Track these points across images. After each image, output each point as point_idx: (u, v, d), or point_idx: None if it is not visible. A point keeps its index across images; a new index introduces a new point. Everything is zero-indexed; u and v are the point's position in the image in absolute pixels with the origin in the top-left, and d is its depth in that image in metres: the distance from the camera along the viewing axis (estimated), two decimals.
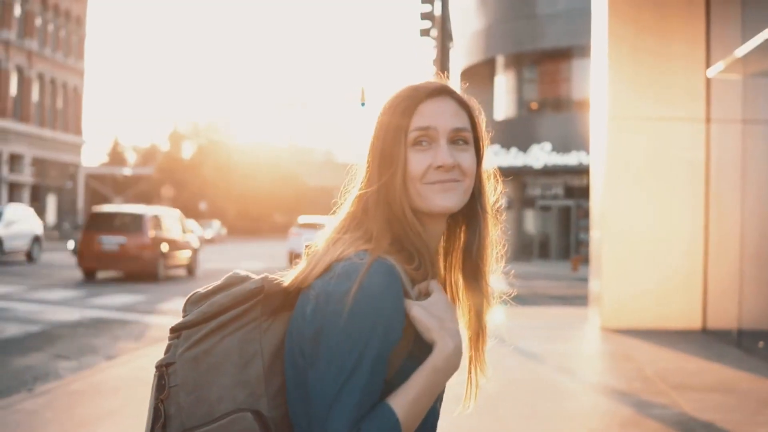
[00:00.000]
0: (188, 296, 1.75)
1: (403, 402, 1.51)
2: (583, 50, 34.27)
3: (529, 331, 12.45)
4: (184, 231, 25.18)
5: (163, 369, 1.63)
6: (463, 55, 38.43)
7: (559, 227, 35.26)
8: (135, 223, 22.65)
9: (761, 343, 10.51)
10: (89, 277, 22.60)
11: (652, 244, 12.97)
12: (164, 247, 23.04)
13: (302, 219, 33.43)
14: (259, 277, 1.67)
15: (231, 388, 1.56)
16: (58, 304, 16.19)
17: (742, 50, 10.69)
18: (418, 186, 1.63)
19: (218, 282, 1.72)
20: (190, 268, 25.38)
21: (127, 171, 72.00)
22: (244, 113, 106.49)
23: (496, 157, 35.29)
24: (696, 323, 12.86)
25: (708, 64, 12.88)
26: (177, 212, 26.19)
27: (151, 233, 22.64)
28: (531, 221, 36.64)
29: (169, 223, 24.30)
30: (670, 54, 12.99)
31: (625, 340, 11.71)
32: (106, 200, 71.98)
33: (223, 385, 1.57)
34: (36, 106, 47.92)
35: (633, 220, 13.03)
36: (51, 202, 50.36)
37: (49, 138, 48.80)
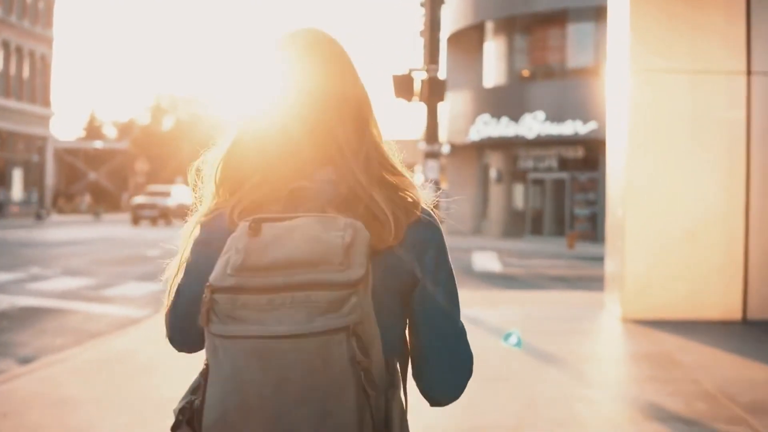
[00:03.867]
0: None
1: None
2: (579, 13, 32.18)
3: (536, 323, 10.44)
4: None
5: (351, 330, 1.42)
6: (450, 19, 36.21)
7: (552, 201, 33.16)
8: None
9: None
10: None
11: (684, 219, 10.94)
12: None
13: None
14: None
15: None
16: None
17: None
18: None
19: None
20: None
21: (98, 144, 69.48)
22: (225, 85, 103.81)
23: (485, 127, 33.19)
24: (735, 313, 10.85)
25: (749, 8, 10.84)
26: None
27: None
28: (522, 195, 34.52)
29: None
30: None
31: (657, 334, 9.69)
32: (81, 175, 69.69)
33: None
34: (0, 76, 45.42)
35: (661, 192, 10.99)
36: (17, 177, 47.90)
37: (14, 109, 46.27)
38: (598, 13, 31.44)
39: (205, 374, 1.47)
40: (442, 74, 18.17)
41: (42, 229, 34.65)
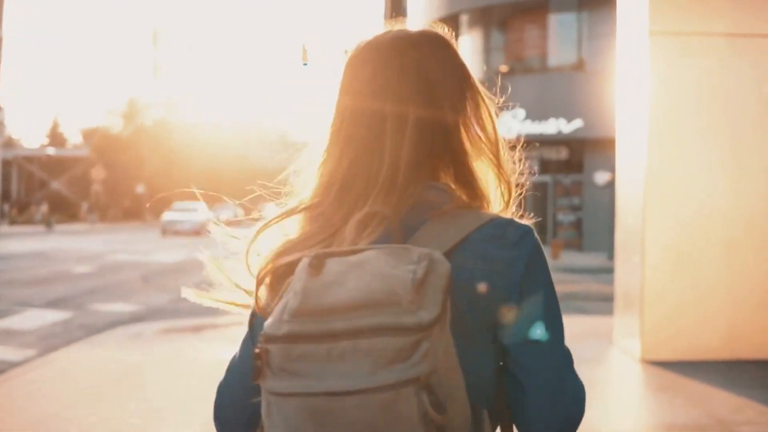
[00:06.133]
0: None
1: None
2: (561, 3, 29.75)
3: None
4: None
5: (421, 382, 1.18)
6: (421, 10, 33.67)
7: (533, 207, 30.43)
8: None
9: None
10: None
11: (724, 228, 8.37)
12: None
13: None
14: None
15: None
16: None
17: None
18: None
19: None
20: None
21: (51, 151, 67.18)
22: (191, 91, 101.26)
23: None
24: None
25: None
26: None
27: None
28: None
29: None
30: None
31: (696, 387, 7.09)
32: (43, 184, 67.49)
33: None
34: None
35: (694, 194, 8.41)
36: None
37: None
38: (582, 2, 29.08)
39: None
40: None
41: None
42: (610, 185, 26.86)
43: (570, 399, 1.41)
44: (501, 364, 1.43)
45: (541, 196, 30.27)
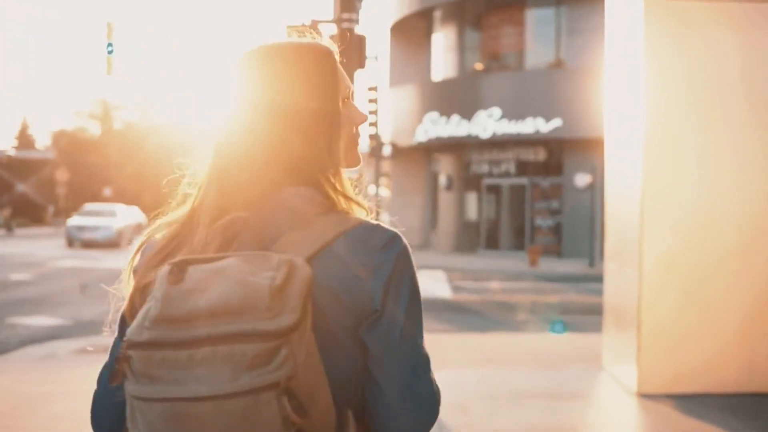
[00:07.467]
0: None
1: None
2: None
3: (505, 412, 6.37)
4: None
5: (281, 387, 1.21)
6: (393, 6, 32.31)
7: (510, 210, 29.16)
8: None
9: None
10: None
11: (736, 236, 7.00)
12: None
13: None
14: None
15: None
16: None
17: None
18: None
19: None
20: None
21: (11, 152, 65.89)
22: (162, 92, 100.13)
23: (434, 127, 29.18)
24: None
25: None
26: None
27: None
28: (476, 203, 30.56)
29: None
30: None
31: None
32: (8, 187, 66.21)
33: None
34: None
35: (700, 196, 7.03)
36: None
37: None
38: None
39: None
40: (361, 29, 13.87)
41: None
42: (591, 188, 25.66)
43: (422, 402, 1.42)
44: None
45: (518, 198, 28.95)
